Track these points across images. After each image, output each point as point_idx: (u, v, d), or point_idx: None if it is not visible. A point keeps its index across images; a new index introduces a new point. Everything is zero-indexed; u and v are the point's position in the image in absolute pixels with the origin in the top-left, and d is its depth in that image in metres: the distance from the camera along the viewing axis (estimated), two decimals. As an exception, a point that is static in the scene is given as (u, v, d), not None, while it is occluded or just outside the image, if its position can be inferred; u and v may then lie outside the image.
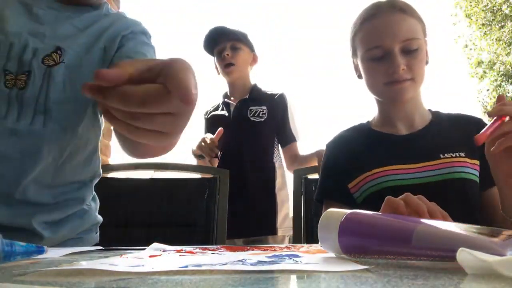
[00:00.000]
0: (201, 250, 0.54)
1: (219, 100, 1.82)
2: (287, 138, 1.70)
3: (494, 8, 12.09)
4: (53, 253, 0.54)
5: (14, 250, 0.42)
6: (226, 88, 1.80)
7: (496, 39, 12.00)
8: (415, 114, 0.91)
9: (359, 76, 0.95)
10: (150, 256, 0.46)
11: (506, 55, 11.82)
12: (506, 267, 0.27)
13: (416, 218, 0.40)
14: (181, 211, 1.20)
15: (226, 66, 1.67)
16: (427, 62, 0.90)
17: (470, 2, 12.53)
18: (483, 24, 12.33)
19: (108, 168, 1.63)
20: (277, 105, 1.69)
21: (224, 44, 1.68)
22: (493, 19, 12.13)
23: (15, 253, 0.43)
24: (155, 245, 0.60)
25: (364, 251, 0.41)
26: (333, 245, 0.42)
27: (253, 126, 1.64)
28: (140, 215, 1.20)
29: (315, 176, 1.27)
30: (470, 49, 12.87)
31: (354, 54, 0.94)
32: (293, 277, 0.31)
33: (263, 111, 1.66)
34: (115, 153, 2.37)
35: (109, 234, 1.18)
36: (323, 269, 0.33)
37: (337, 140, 0.99)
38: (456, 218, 0.66)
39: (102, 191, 1.26)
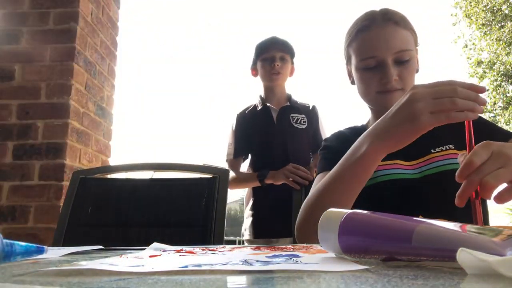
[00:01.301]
0: (201, 250, 0.54)
1: (252, 101, 1.92)
2: (318, 146, 1.80)
3: (494, 8, 12.08)
4: (53, 253, 0.54)
5: (14, 250, 0.42)
6: (258, 92, 1.90)
7: (496, 39, 12.00)
8: None
9: (352, 82, 0.99)
10: (150, 256, 0.46)
11: (506, 55, 11.82)
12: (506, 267, 0.27)
13: (416, 218, 0.40)
14: (181, 211, 1.20)
15: (274, 74, 1.78)
16: (417, 70, 0.93)
17: (470, 2, 12.53)
18: (483, 24, 12.33)
19: (108, 168, 1.63)
20: (312, 116, 1.84)
21: (274, 53, 1.79)
22: (493, 19, 12.13)
23: (15, 253, 0.42)
24: (155, 245, 0.60)
25: (364, 251, 0.41)
26: (333, 245, 0.42)
27: (295, 132, 1.77)
28: (140, 215, 1.20)
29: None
30: (470, 49, 12.87)
31: (348, 61, 0.98)
32: (293, 277, 0.31)
33: (303, 119, 1.81)
34: (115, 153, 2.38)
35: (109, 234, 1.19)
36: (323, 269, 0.33)
37: (336, 135, 1.04)
38: (454, 208, 0.66)
39: (102, 191, 1.26)
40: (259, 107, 1.83)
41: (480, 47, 12.63)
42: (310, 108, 1.86)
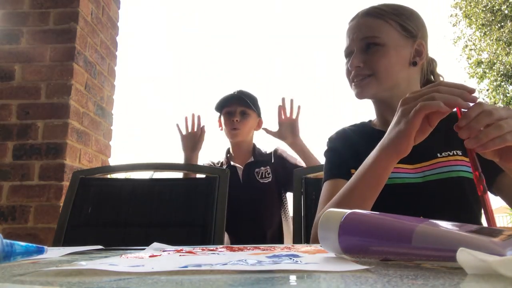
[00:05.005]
0: (201, 250, 0.54)
1: (221, 154, 1.91)
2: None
3: (494, 8, 12.08)
4: (53, 253, 0.54)
5: (14, 250, 0.42)
6: (227, 143, 1.89)
7: (495, 39, 12.00)
8: None
9: None
10: (150, 256, 0.46)
11: (506, 55, 11.82)
12: (506, 267, 0.27)
13: (416, 218, 0.40)
14: (181, 211, 1.20)
15: (233, 129, 1.75)
16: (414, 63, 0.89)
17: (470, 3, 12.53)
18: (482, 25, 12.33)
19: (108, 168, 1.64)
20: (276, 163, 1.80)
21: (235, 107, 1.75)
22: (492, 19, 12.13)
23: (15, 253, 0.42)
24: (155, 245, 0.60)
25: (364, 251, 0.41)
26: (333, 245, 0.42)
27: (262, 186, 1.74)
28: (140, 215, 1.20)
29: (315, 175, 1.27)
30: (470, 49, 12.86)
31: None
32: (293, 277, 0.31)
33: (267, 171, 1.77)
34: (115, 153, 2.38)
35: (109, 234, 1.19)
36: (323, 269, 0.33)
37: (340, 133, 1.02)
38: (455, 216, 0.66)
39: (102, 191, 1.26)
40: (225, 166, 1.82)
41: (480, 47, 12.62)
42: (272, 155, 1.83)
